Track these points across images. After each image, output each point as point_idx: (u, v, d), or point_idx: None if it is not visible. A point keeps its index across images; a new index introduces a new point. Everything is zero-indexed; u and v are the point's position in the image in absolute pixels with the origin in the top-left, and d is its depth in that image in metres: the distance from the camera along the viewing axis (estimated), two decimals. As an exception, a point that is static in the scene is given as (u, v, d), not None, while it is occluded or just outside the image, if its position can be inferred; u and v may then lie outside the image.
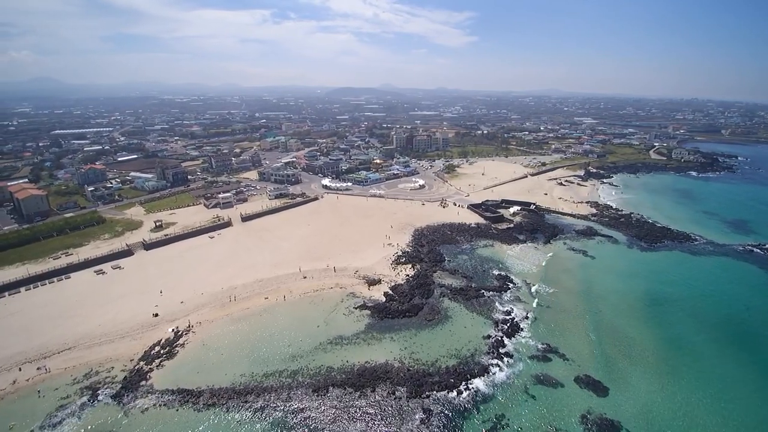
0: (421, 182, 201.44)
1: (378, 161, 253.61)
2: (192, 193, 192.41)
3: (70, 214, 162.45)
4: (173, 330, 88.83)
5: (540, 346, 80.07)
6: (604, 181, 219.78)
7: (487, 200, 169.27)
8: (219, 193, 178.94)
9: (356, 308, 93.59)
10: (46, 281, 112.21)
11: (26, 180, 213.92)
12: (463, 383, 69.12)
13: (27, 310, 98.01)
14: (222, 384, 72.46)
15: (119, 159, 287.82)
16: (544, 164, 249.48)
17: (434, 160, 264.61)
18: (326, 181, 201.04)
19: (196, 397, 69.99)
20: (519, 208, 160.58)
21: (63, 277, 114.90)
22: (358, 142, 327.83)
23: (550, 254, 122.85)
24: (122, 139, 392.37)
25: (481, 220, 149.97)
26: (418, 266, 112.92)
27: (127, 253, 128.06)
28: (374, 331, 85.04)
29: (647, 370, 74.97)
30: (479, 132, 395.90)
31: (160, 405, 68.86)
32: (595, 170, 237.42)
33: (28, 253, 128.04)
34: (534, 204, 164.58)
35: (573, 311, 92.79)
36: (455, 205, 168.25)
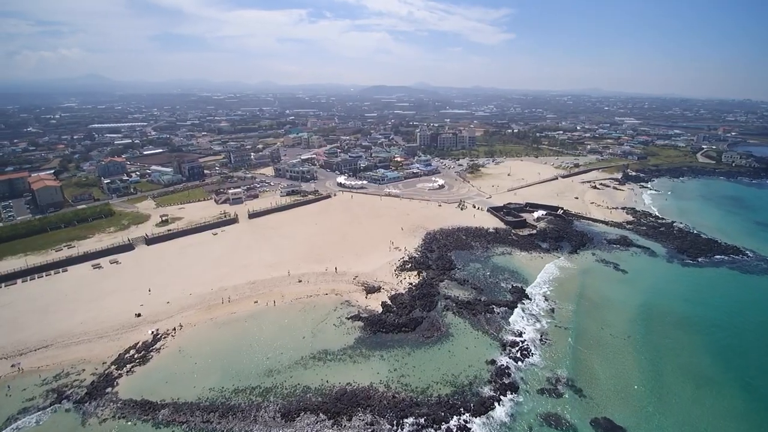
0: (441, 182, 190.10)
1: (399, 159, 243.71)
2: (206, 188, 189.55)
3: (83, 206, 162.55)
4: (153, 332, 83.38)
5: (552, 377, 68.13)
6: (644, 185, 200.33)
7: (510, 203, 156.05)
8: (230, 188, 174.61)
9: (348, 319, 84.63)
10: (43, 274, 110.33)
11: (52, 171, 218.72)
12: (454, 418, 58.59)
13: (17, 303, 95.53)
14: (188, 398, 65.75)
15: (145, 153, 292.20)
16: (577, 165, 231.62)
17: (458, 159, 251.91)
18: (341, 179, 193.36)
19: (156, 411, 63.89)
20: (544, 212, 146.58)
21: (60, 270, 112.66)
22: (381, 140, 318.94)
23: (576, 266, 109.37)
24: (153, 133, 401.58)
25: (501, 225, 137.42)
26: (425, 274, 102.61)
27: (127, 247, 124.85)
28: (364, 347, 75.76)
29: (683, 417, 61.69)
30: (509, 131, 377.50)
31: (119, 417, 63.38)
32: (634, 173, 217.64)
33: (33, 244, 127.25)
34: (562, 208, 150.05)
35: (595, 336, 79.81)
36: (474, 207, 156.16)
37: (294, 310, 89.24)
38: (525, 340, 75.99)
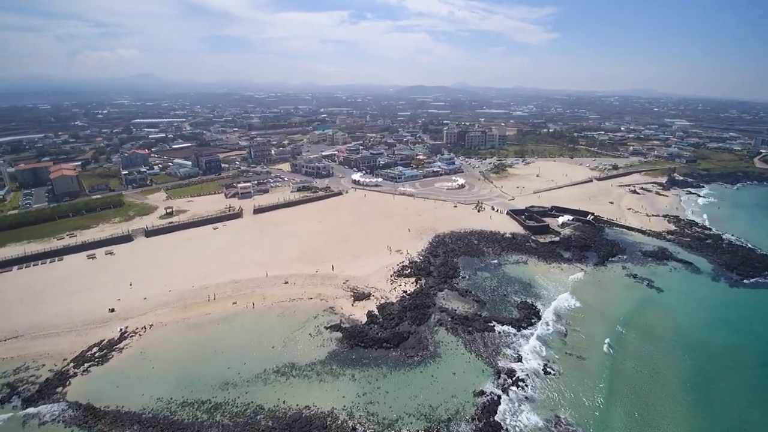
0: (461, 181, 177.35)
1: (421, 157, 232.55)
2: (221, 181, 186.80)
3: (98, 196, 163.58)
4: (121, 330, 78.67)
5: (550, 421, 55.54)
6: (692, 191, 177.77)
7: (532, 206, 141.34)
8: (240, 182, 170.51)
9: (327, 328, 75.51)
10: (39, 262, 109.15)
11: (79, 162, 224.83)
12: (421, 465, 47.97)
13: (5, 291, 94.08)
14: (132, 407, 59.59)
15: (174, 147, 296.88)
16: (615, 167, 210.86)
17: (485, 158, 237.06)
18: (357, 176, 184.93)
19: (96, 420, 58.47)
20: (571, 217, 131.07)
21: (57, 258, 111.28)
22: (407, 137, 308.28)
23: (601, 281, 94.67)
24: (188, 128, 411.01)
25: (520, 230, 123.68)
26: (423, 281, 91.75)
27: (126, 238, 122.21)
28: (335, 364, 66.30)
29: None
30: (545, 130, 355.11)
31: (59, 421, 58.58)
32: (681, 177, 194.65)
33: (39, 232, 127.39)
34: (592, 214, 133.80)
35: (615, 370, 65.95)
36: (493, 209, 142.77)
37: (272, 315, 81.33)
38: (525, 369, 63.61)
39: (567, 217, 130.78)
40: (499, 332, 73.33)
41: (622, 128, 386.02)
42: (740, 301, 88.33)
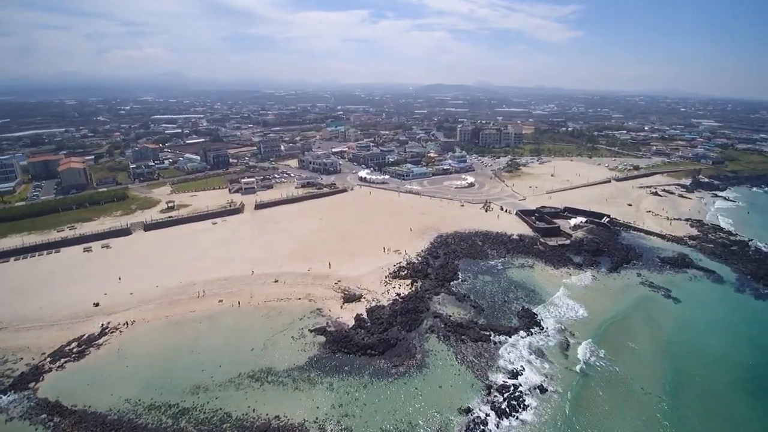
0: (471, 180, 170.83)
1: (433, 155, 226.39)
2: (227, 176, 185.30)
3: (104, 189, 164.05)
4: (103, 325, 76.34)
5: (546, 446, 49.87)
6: (718, 194, 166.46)
7: (544, 206, 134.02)
8: (243, 177, 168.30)
9: (312, 331, 71.21)
10: (36, 253, 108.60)
11: (93, 156, 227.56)
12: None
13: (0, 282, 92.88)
14: (99, 407, 56.99)
15: (187, 141, 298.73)
16: (636, 168, 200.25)
17: (499, 157, 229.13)
18: (364, 173, 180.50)
19: (62, 418, 56.27)
20: (585, 219, 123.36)
21: (54, 250, 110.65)
22: (420, 135, 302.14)
23: (612, 289, 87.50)
24: (205, 124, 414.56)
25: (528, 231, 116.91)
26: (419, 284, 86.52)
27: (125, 232, 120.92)
28: (314, 370, 61.88)
29: None
30: (563, 129, 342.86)
31: (25, 418, 56.10)
32: (706, 179, 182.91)
33: (42, 223, 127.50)
34: (608, 216, 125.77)
35: (621, 391, 59.44)
36: (502, 209, 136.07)
37: (257, 315, 77.59)
38: (520, 385, 57.74)
39: (580, 219, 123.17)
40: (495, 342, 67.59)
41: (646, 128, 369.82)
42: (766, 314, 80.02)
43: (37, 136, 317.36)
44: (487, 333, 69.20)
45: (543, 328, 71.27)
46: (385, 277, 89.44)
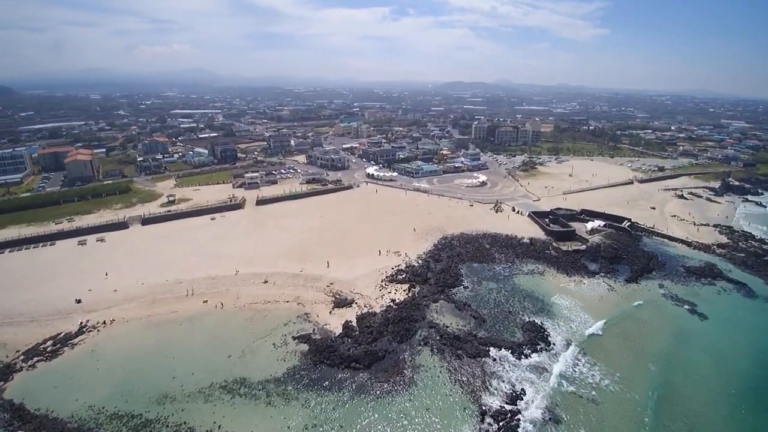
0: (483, 179, 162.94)
1: (445, 152, 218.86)
2: (234, 171, 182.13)
3: (109, 182, 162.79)
4: (81, 323, 73.10)
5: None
6: (749, 198, 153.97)
7: (559, 208, 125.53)
8: (247, 172, 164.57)
9: (296, 338, 65.84)
10: (32, 246, 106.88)
11: (105, 149, 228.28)
12: None
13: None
14: (62, 413, 53.54)
15: (201, 136, 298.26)
16: (661, 169, 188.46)
17: (515, 155, 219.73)
18: (371, 170, 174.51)
19: (23, 423, 52.95)
20: (603, 223, 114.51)
21: (49, 243, 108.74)
22: (434, 131, 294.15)
23: (631, 301, 79.26)
24: (221, 119, 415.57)
25: (541, 234, 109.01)
26: (417, 289, 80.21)
27: (122, 225, 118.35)
28: (292, 383, 56.41)
29: None
30: (584, 127, 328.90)
31: None
32: (737, 182, 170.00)
33: (42, 215, 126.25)
34: (629, 220, 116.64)
35: (638, 423, 51.92)
36: (514, 210, 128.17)
37: (240, 318, 72.70)
38: (518, 412, 50.86)
39: (598, 223, 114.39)
40: (495, 359, 60.75)
41: (672, 127, 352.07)
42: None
43: (56, 128, 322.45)
44: (487, 348, 62.45)
45: (550, 345, 64.04)
46: (381, 281, 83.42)
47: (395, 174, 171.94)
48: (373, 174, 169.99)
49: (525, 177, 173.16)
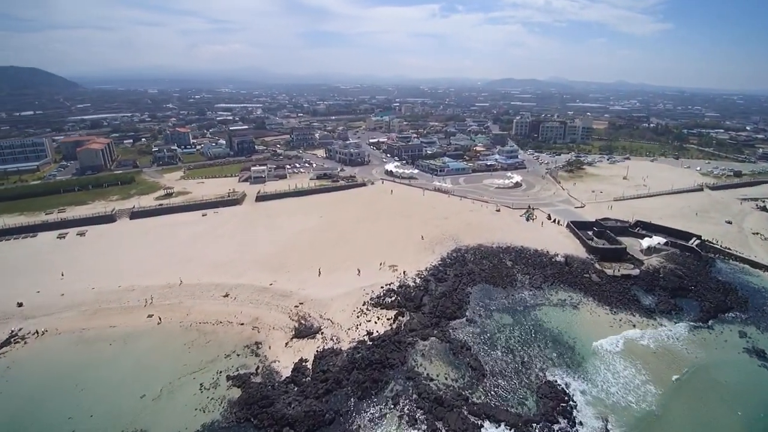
0: (518, 179, 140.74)
1: (479, 148, 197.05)
2: (247, 164, 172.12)
3: (120, 171, 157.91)
4: (12, 332, 63.14)
5: None
6: None
7: (607, 218, 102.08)
8: (253, 166, 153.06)
9: (231, 379, 50.81)
10: (12, 237, 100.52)
11: (132, 140, 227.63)
12: None
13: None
14: None
15: (231, 128, 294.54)
16: (738, 174, 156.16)
17: (560, 154, 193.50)
18: (390, 166, 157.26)
19: None
20: (664, 240, 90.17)
21: (31, 234, 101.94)
22: (471, 126, 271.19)
23: (701, 356, 56.93)
24: (259, 113, 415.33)
25: (580, 251, 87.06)
26: (405, 319, 62.63)
27: (108, 219, 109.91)
28: (198, 453, 41.12)
29: None
30: (644, 125, 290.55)
31: None
32: None
33: (37, 204, 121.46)
34: (698, 238, 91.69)
35: None
36: (549, 219, 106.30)
37: (180, 342, 58.92)
38: None
39: (657, 239, 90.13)
40: (490, 438, 42.10)
41: (748, 128, 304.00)
42: None
43: (99, 119, 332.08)
44: (479, 421, 43.84)
45: (575, 424, 44.24)
46: (363, 304, 66.44)
47: (416, 171, 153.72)
48: (391, 171, 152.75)
49: (569, 179, 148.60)
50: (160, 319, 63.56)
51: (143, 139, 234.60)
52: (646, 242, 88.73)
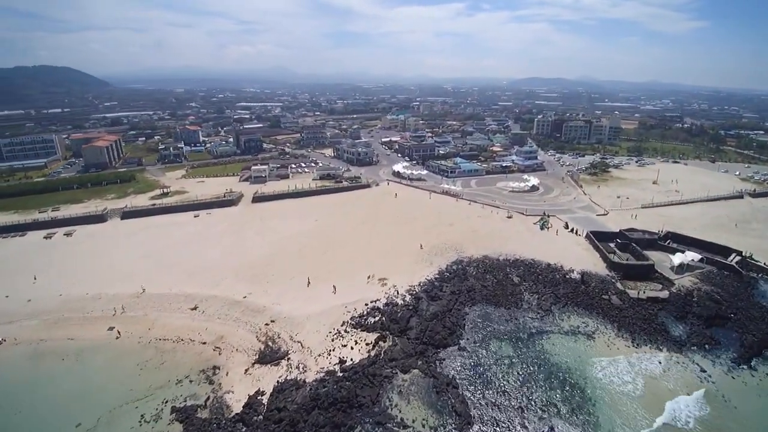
0: (535, 182, 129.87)
1: (496, 148, 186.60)
2: (251, 163, 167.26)
3: (124, 169, 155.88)
4: (-30, 341, 57.83)
5: None
6: None
7: (633, 229, 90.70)
8: (253, 165, 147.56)
9: (175, 411, 44.05)
10: (2, 236, 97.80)
11: (144, 138, 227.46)
12: None
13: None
14: None
15: (246, 126, 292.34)
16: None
17: (584, 155, 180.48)
18: (398, 167, 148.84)
19: None
20: (699, 256, 78.53)
21: (19, 234, 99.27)
22: (490, 126, 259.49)
23: (742, 408, 46.44)
24: (277, 111, 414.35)
25: (600, 267, 76.63)
26: (387, 344, 54.54)
27: (99, 219, 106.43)
28: None
29: None
30: (677, 125, 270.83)
31: None
32: None
33: (33, 202, 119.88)
34: (738, 253, 79.70)
35: None
36: (567, 228, 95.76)
37: (134, 360, 53.01)
38: None
39: (691, 255, 78.50)
40: None
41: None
42: None
43: (120, 117, 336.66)
44: (456, 487, 35.35)
45: (577, 496, 35.19)
46: (341, 325, 58.62)
47: (425, 173, 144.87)
48: (399, 171, 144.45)
49: (592, 182, 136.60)
50: (119, 333, 57.87)
51: (157, 137, 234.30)
52: (677, 258, 77.23)
